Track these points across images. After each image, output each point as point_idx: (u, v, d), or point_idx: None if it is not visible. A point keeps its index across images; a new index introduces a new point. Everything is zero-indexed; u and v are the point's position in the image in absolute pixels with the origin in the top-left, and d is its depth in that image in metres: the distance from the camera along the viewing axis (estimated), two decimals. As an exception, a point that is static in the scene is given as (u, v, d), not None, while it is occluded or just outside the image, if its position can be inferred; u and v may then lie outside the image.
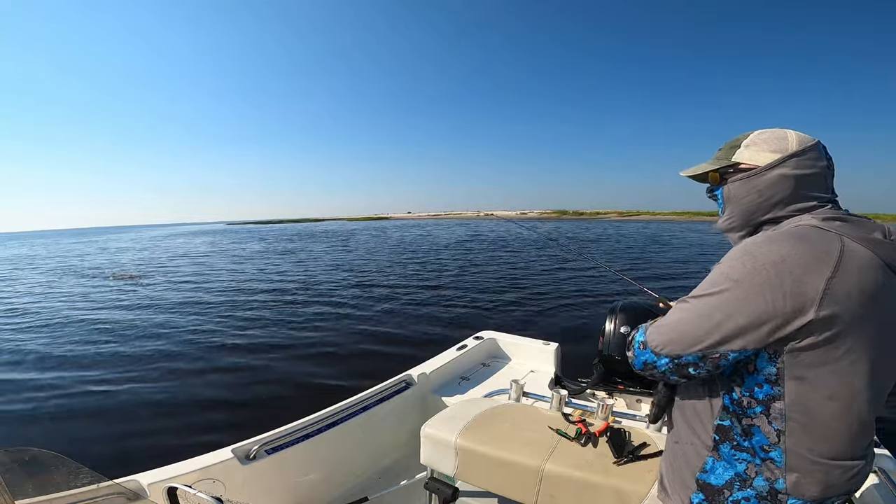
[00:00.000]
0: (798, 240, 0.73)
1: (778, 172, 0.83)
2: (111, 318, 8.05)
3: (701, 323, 0.77)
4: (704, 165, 0.96)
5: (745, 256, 0.75)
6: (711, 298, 0.77)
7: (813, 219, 0.77)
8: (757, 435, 0.77)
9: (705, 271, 0.83)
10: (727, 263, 0.78)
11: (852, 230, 0.74)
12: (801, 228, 0.76)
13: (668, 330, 0.83)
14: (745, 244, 0.79)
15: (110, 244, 38.60)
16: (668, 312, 0.87)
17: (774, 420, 0.75)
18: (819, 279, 0.68)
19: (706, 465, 0.84)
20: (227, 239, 39.89)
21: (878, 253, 0.72)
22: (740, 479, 0.79)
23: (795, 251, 0.71)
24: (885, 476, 1.47)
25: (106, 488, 0.97)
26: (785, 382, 0.74)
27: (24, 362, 5.72)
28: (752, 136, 0.89)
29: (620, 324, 2.06)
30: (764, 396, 0.76)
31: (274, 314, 7.87)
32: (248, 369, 5.13)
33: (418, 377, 2.38)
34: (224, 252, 24.05)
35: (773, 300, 0.70)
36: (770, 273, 0.70)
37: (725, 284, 0.75)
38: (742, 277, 0.73)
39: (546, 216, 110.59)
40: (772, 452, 0.76)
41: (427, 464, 1.26)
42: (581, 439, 1.14)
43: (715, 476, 0.82)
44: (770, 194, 0.84)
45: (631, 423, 1.58)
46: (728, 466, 0.81)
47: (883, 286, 0.71)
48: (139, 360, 5.61)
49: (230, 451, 1.60)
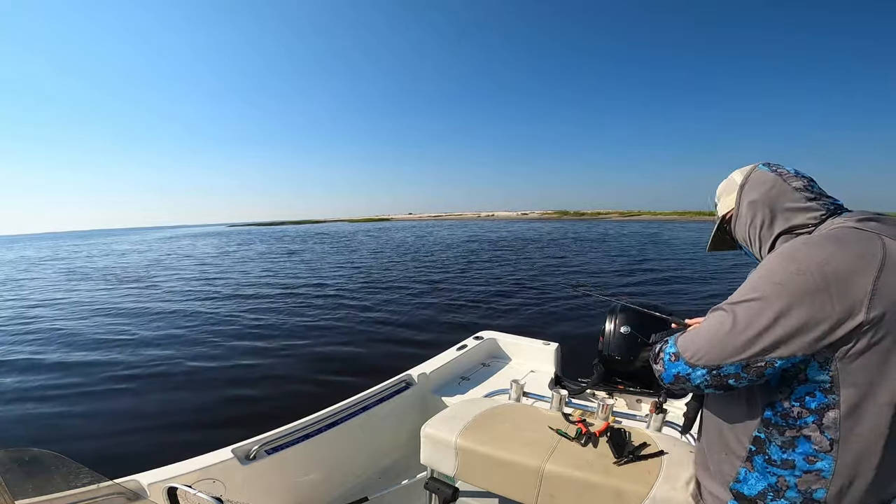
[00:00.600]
0: (839, 241, 0.72)
1: (745, 204, 0.93)
2: (130, 318, 8.12)
3: (743, 330, 0.74)
4: (712, 236, 1.05)
5: (787, 260, 0.73)
6: (754, 304, 0.74)
7: (848, 221, 0.77)
8: (802, 446, 0.75)
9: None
10: (767, 267, 0.76)
11: (890, 230, 0.73)
12: (839, 230, 0.75)
13: (704, 339, 0.79)
14: (784, 248, 0.77)
15: (115, 247, 38.65)
16: (704, 320, 0.84)
17: (827, 429, 0.72)
18: (866, 279, 0.67)
19: (739, 476, 0.83)
20: (231, 241, 39.99)
21: None
22: (773, 489, 0.78)
23: (839, 252, 0.69)
24: None
25: (106, 488, 0.97)
26: (840, 390, 0.70)
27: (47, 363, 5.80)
28: (717, 192, 1.03)
29: (620, 324, 2.07)
30: (817, 406, 0.73)
31: (280, 313, 7.88)
32: (262, 364, 5.29)
33: (418, 377, 2.38)
34: (231, 254, 24.25)
35: (821, 303, 0.68)
36: (815, 275, 0.68)
37: (768, 289, 0.73)
38: (786, 281, 0.71)
39: (547, 217, 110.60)
40: (818, 463, 0.73)
41: (427, 464, 1.26)
42: (581, 439, 1.14)
43: (748, 487, 0.81)
44: (759, 221, 0.91)
45: (631, 423, 1.58)
46: (760, 478, 0.80)
47: None
48: (164, 357, 5.74)
49: (230, 451, 1.60)
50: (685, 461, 1.04)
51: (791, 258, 0.73)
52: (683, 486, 0.95)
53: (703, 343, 0.79)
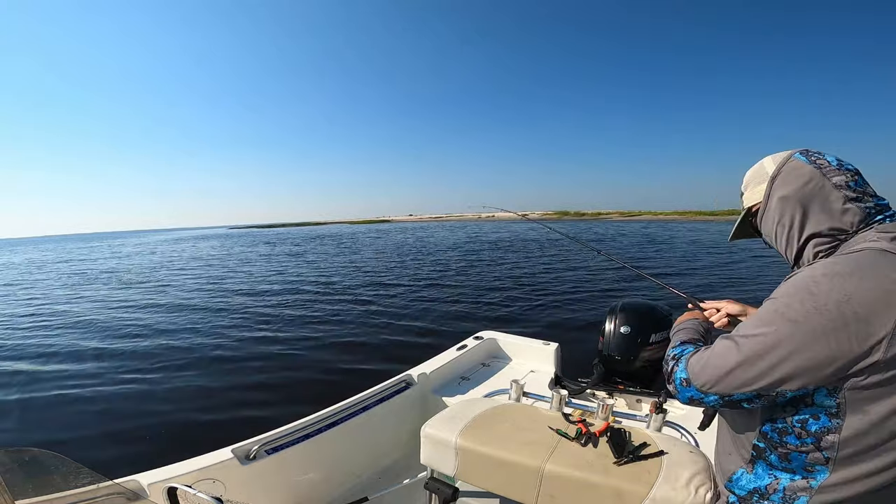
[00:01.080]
0: (864, 272, 0.67)
1: (775, 198, 0.86)
2: (140, 318, 8.20)
3: (753, 364, 0.73)
4: (736, 225, 1.00)
5: (805, 294, 0.70)
6: (767, 339, 0.71)
7: (880, 238, 0.72)
8: (797, 461, 0.77)
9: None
10: (783, 301, 0.73)
11: None
12: (866, 255, 0.70)
13: (714, 370, 0.79)
14: (803, 278, 0.73)
15: (122, 249, 38.75)
16: (714, 347, 0.83)
17: (826, 449, 0.73)
18: (888, 318, 0.63)
19: (735, 475, 0.88)
20: (233, 243, 40.03)
21: None
22: (759, 493, 0.82)
23: (862, 287, 0.65)
24: None
25: (106, 488, 0.97)
26: (845, 416, 0.70)
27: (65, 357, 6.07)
28: (744, 179, 0.96)
29: (620, 324, 2.07)
30: (818, 429, 0.73)
31: (290, 311, 7.90)
32: (279, 358, 5.56)
33: (418, 377, 2.38)
34: (236, 255, 24.39)
35: (838, 343, 0.65)
36: (833, 314, 0.65)
37: (782, 327, 0.70)
38: (802, 319, 0.68)
39: (547, 217, 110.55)
40: (815, 476, 0.75)
41: (427, 464, 1.26)
42: (581, 439, 1.14)
43: (738, 487, 0.86)
44: (788, 220, 0.84)
45: (631, 423, 1.58)
46: (753, 480, 0.83)
47: None
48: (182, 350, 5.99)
49: (230, 451, 1.60)
50: (685, 461, 1.04)
51: (809, 292, 0.69)
52: (684, 486, 0.95)
53: (712, 374, 0.78)
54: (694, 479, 0.96)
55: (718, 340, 0.83)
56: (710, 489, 0.95)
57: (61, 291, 12.38)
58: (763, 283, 9.93)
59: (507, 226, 55.24)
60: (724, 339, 0.81)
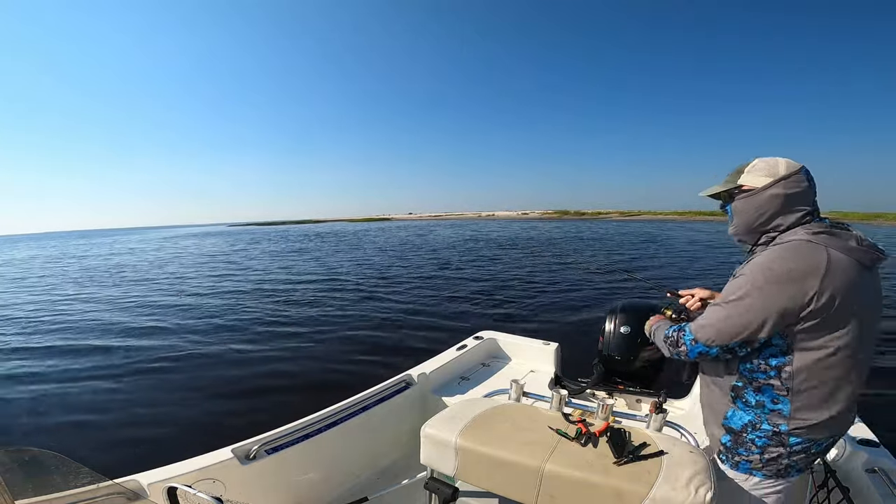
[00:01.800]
0: (798, 252, 1.00)
1: (770, 193, 1.09)
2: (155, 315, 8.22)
3: (737, 320, 1.03)
4: (717, 187, 1.21)
5: (765, 269, 1.01)
6: (744, 301, 1.02)
7: (805, 233, 1.03)
8: (767, 392, 1.08)
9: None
10: (751, 275, 1.03)
11: (834, 241, 1.01)
12: (797, 244, 1.02)
13: (713, 329, 1.08)
14: (762, 260, 1.03)
15: (126, 245, 38.79)
16: (707, 313, 1.12)
17: (786, 380, 1.04)
18: (815, 281, 0.96)
19: (727, 414, 1.16)
20: (235, 240, 40.09)
21: (853, 256, 1.00)
22: (751, 424, 1.11)
23: (797, 264, 0.98)
24: (885, 476, 1.46)
25: (106, 488, 0.97)
26: (794, 352, 1.03)
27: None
28: (752, 163, 1.14)
29: (620, 324, 2.06)
30: (776, 363, 1.05)
31: (287, 309, 7.90)
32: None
33: (418, 377, 2.38)
34: (241, 251, 24.56)
35: (788, 298, 0.98)
36: (783, 280, 0.98)
37: (753, 291, 1.01)
38: (765, 284, 1.00)
39: (548, 216, 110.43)
40: (779, 405, 1.07)
41: (427, 464, 1.26)
42: (581, 439, 1.14)
43: (734, 422, 1.14)
44: (765, 209, 1.10)
45: (631, 423, 1.57)
46: (743, 415, 1.13)
47: (859, 281, 0.99)
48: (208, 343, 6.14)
49: (230, 451, 1.60)
50: (685, 461, 1.04)
51: (768, 268, 1.01)
52: (684, 485, 0.95)
53: (710, 332, 1.09)
54: (694, 479, 0.96)
55: (708, 308, 1.14)
56: (710, 489, 0.95)
57: (72, 289, 12.43)
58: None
59: (508, 224, 55.23)
60: (714, 305, 1.12)
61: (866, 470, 1.53)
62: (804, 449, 1.07)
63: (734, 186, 1.16)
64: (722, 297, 1.08)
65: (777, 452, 1.08)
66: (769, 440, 1.08)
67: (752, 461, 1.11)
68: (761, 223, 1.11)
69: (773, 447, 1.08)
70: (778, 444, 1.07)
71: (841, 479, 1.54)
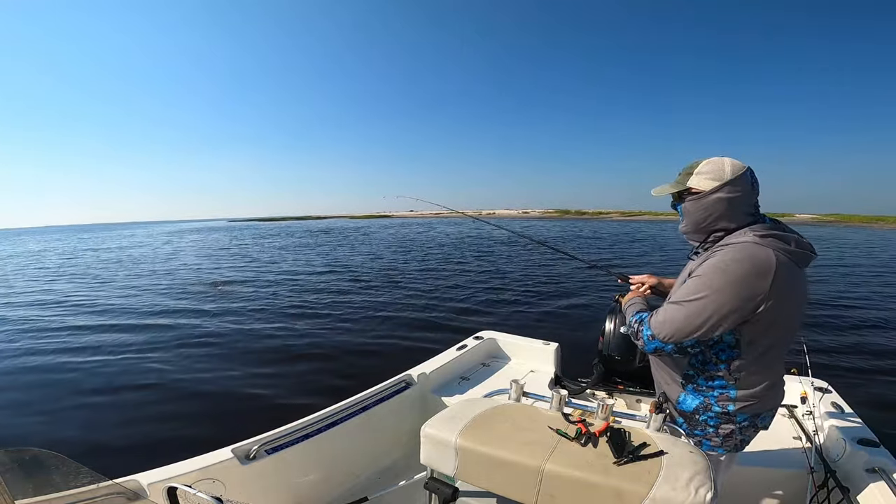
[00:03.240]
0: (749, 257, 1.07)
1: (716, 196, 1.16)
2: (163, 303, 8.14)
3: (694, 319, 1.10)
4: (668, 188, 1.28)
5: (720, 271, 1.08)
6: (700, 301, 1.09)
7: (753, 235, 1.11)
8: (717, 381, 1.20)
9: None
10: (707, 276, 1.10)
11: (778, 244, 1.09)
12: (747, 246, 1.09)
13: (670, 326, 1.14)
14: (717, 261, 1.11)
15: (137, 239, 38.84)
16: (664, 310, 1.19)
17: (734, 371, 1.16)
18: (766, 282, 1.05)
19: (679, 398, 1.29)
20: (241, 235, 40.08)
21: (792, 259, 1.10)
22: (702, 406, 1.23)
23: (750, 269, 1.06)
24: (885, 476, 1.47)
25: (106, 488, 0.97)
26: (741, 347, 1.14)
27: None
28: (700, 165, 1.20)
29: (620, 324, 2.06)
30: (726, 357, 1.16)
31: (285, 308, 7.89)
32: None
33: (418, 377, 2.38)
34: (246, 246, 24.67)
35: (742, 299, 1.06)
36: (738, 282, 1.06)
37: (708, 292, 1.08)
38: (721, 287, 1.07)
39: (548, 215, 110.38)
40: (727, 390, 1.19)
41: (427, 464, 1.26)
42: (581, 439, 1.14)
43: (685, 405, 1.27)
44: (712, 211, 1.17)
45: (631, 423, 1.57)
46: (693, 399, 1.25)
47: (795, 281, 1.10)
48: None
49: (230, 451, 1.60)
50: (685, 461, 1.03)
51: (723, 270, 1.08)
52: (684, 486, 0.95)
53: (669, 329, 1.14)
54: (694, 479, 0.96)
55: (668, 304, 1.19)
56: (710, 489, 0.94)
57: (85, 285, 12.49)
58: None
59: (508, 223, 55.25)
60: (672, 303, 1.17)
61: (866, 470, 1.53)
62: (751, 424, 1.22)
63: (683, 188, 1.23)
64: (681, 297, 1.14)
65: (729, 429, 1.22)
66: (720, 419, 1.21)
67: (712, 439, 1.24)
68: (708, 224, 1.19)
69: (725, 424, 1.21)
70: (728, 421, 1.21)
71: (841, 479, 1.54)
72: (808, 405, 2.12)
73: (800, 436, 1.99)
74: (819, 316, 7.05)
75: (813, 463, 1.69)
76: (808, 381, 2.22)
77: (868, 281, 10.83)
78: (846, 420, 1.95)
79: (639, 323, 1.24)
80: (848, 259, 15.89)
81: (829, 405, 2.08)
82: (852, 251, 19.20)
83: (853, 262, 15.04)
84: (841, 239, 27.84)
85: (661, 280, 1.58)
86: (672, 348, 1.16)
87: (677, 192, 1.26)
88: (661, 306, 1.23)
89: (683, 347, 1.15)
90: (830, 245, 22.11)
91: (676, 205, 1.29)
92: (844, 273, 12.14)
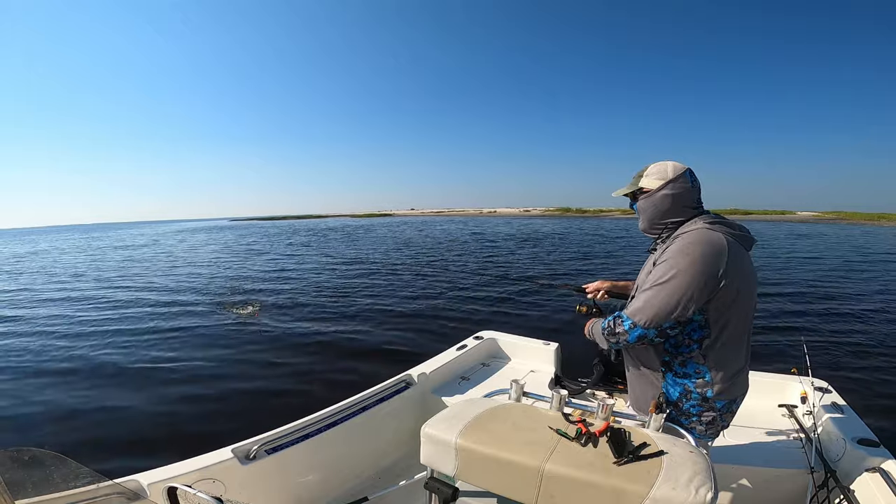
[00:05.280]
0: (705, 240, 1.19)
1: (662, 193, 1.31)
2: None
3: (669, 300, 1.18)
4: (624, 189, 1.42)
5: (683, 255, 1.19)
6: (671, 282, 1.18)
7: (703, 223, 1.24)
8: (690, 365, 1.27)
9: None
10: (672, 261, 1.19)
11: (725, 229, 1.23)
12: (701, 232, 1.21)
13: (648, 311, 1.21)
14: (677, 247, 1.21)
15: (140, 238, 38.71)
16: (637, 299, 1.26)
17: (705, 349, 1.24)
18: (722, 262, 1.17)
19: (662, 387, 1.33)
20: (247, 234, 39.95)
21: (738, 241, 1.23)
22: (684, 394, 1.29)
23: (708, 249, 1.17)
24: (885, 476, 1.46)
25: (106, 488, 0.97)
26: (710, 326, 1.22)
27: None
28: (648, 168, 1.36)
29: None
30: (697, 337, 1.24)
31: (285, 305, 7.89)
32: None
33: (418, 377, 2.38)
34: (253, 245, 24.71)
35: (707, 275, 1.16)
36: (699, 263, 1.16)
37: (676, 271, 1.18)
38: (686, 267, 1.17)
39: (549, 214, 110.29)
40: (701, 374, 1.26)
41: (427, 464, 1.26)
42: (581, 439, 1.14)
43: (669, 395, 1.32)
44: (661, 207, 1.31)
45: (631, 422, 1.58)
46: (674, 387, 1.31)
47: (745, 258, 1.24)
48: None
49: (230, 451, 1.60)
50: (685, 461, 1.03)
51: (685, 253, 1.18)
52: (684, 485, 0.95)
53: (649, 313, 1.20)
54: (694, 479, 0.96)
55: (640, 293, 1.26)
56: (710, 489, 0.94)
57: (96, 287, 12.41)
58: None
59: (509, 221, 55.18)
60: (645, 290, 1.24)
61: (866, 470, 1.53)
62: (728, 409, 1.29)
63: (636, 189, 1.38)
64: (652, 282, 1.22)
65: (711, 416, 1.28)
66: (701, 406, 1.27)
67: (697, 428, 1.30)
68: (659, 217, 1.32)
69: (707, 412, 1.28)
70: (709, 409, 1.27)
71: (841, 478, 1.54)
72: (808, 405, 2.12)
73: (800, 435, 1.99)
74: (819, 316, 7.05)
75: (813, 462, 1.69)
76: (808, 380, 2.22)
77: (868, 281, 10.82)
78: (846, 420, 1.95)
79: (614, 319, 1.30)
80: (849, 257, 15.87)
81: (829, 405, 2.08)
82: (852, 250, 19.16)
83: (854, 260, 15.02)
84: (842, 237, 27.80)
85: (615, 283, 1.73)
86: (654, 332, 1.21)
87: (632, 193, 1.40)
88: (634, 297, 1.33)
89: (664, 330, 1.21)
90: (831, 244, 22.06)
91: (633, 204, 1.43)
92: (844, 272, 12.12)
